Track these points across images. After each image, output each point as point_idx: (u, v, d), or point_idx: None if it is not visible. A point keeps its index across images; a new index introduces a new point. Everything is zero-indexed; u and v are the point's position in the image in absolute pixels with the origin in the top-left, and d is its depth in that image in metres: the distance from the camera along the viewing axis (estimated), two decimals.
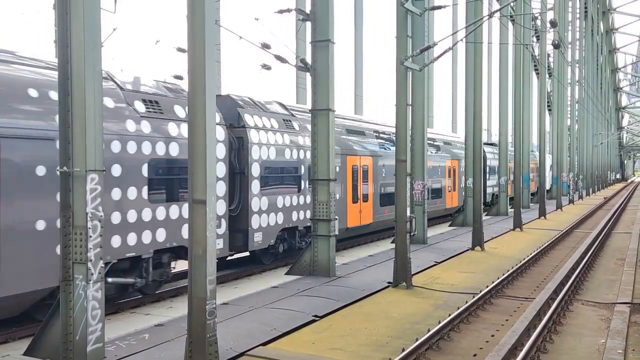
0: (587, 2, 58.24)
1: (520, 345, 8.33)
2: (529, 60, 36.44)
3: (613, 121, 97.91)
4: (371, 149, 21.78)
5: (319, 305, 11.00)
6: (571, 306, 11.21)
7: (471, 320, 10.15)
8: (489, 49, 47.58)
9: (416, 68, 14.06)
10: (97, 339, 7.56)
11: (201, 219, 7.71)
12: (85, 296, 7.43)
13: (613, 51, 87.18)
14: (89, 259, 7.41)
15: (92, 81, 7.47)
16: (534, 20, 40.03)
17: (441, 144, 29.38)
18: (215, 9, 8.02)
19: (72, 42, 7.46)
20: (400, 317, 10.44)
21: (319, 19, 13.73)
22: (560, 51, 39.12)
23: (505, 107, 29.91)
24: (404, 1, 13.32)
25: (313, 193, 14.02)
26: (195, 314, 7.69)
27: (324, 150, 13.84)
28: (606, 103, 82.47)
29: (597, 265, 15.99)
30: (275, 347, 8.68)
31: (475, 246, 18.64)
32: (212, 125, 7.80)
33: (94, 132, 7.50)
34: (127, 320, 11.06)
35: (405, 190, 13.24)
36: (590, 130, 60.24)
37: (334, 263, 13.98)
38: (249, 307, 10.69)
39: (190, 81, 7.88)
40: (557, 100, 43.02)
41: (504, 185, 29.98)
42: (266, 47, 13.94)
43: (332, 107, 13.79)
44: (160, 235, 12.21)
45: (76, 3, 7.39)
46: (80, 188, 7.46)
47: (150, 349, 8.38)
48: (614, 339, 9.01)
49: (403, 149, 13.42)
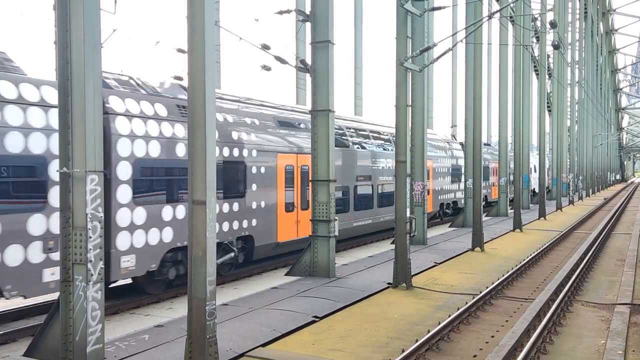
0: (587, 3, 58.28)
1: (520, 346, 8.34)
2: (529, 61, 36.45)
3: (613, 122, 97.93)
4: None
5: (319, 306, 11.00)
6: (571, 307, 11.21)
7: (471, 321, 10.15)
8: (489, 50, 47.57)
9: (416, 69, 14.07)
10: (97, 340, 7.55)
11: (201, 219, 7.71)
12: (85, 297, 7.42)
13: (613, 52, 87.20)
14: (88, 260, 7.40)
15: (92, 82, 7.47)
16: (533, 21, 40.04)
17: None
18: (215, 10, 8.02)
19: (72, 43, 7.45)
20: (400, 318, 10.44)
21: (318, 19, 13.74)
22: (560, 52, 39.15)
23: (505, 108, 29.90)
24: (403, 2, 13.33)
25: (313, 194, 14.02)
26: (195, 314, 7.68)
27: (323, 151, 13.84)
28: (606, 104, 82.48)
29: (597, 266, 15.99)
30: (275, 348, 8.68)
31: (475, 247, 18.64)
32: (212, 126, 7.81)
33: (94, 133, 7.49)
34: (126, 321, 11.06)
35: (405, 191, 13.25)
36: (590, 131, 60.26)
37: (334, 264, 13.98)
38: (248, 308, 10.69)
39: (190, 82, 7.88)
40: (556, 101, 43.02)
41: (503, 186, 29.98)
42: (266, 47, 13.95)
43: (331, 108, 13.80)
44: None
45: (76, 4, 7.38)
46: (80, 189, 7.45)
47: (150, 350, 8.38)
48: (614, 339, 9.01)
49: (403, 150, 13.43)
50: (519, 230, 24.08)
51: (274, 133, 16.62)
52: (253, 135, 15.52)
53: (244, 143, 15.01)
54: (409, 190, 13.47)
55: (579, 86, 50.37)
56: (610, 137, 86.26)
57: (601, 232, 22.14)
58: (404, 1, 13.34)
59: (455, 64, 43.25)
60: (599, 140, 68.09)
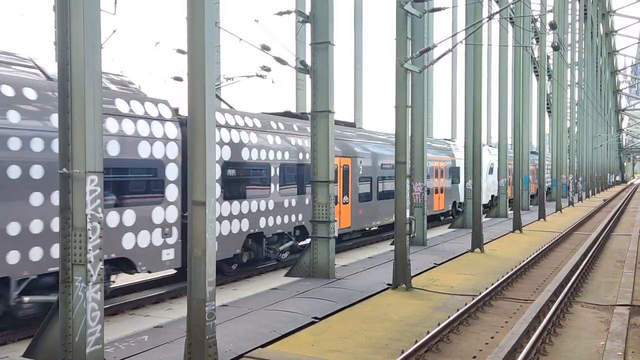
0: (586, 4, 58.32)
1: (519, 347, 8.33)
2: (529, 62, 36.49)
3: (612, 123, 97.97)
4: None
5: (318, 307, 10.99)
6: (571, 308, 11.21)
7: (471, 322, 10.15)
8: (489, 51, 47.57)
9: (416, 70, 14.07)
10: (97, 341, 7.55)
11: (201, 220, 7.72)
12: (85, 298, 7.42)
13: (612, 53, 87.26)
14: (88, 261, 7.39)
15: (91, 83, 7.47)
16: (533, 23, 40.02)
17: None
18: (215, 11, 8.03)
19: (72, 44, 7.46)
20: (400, 319, 10.44)
21: (318, 20, 13.74)
22: (559, 53, 39.15)
23: (505, 109, 29.91)
24: (403, 3, 13.34)
25: (313, 195, 14.02)
26: (194, 315, 7.68)
27: (323, 152, 13.85)
28: (606, 105, 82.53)
29: (596, 268, 15.99)
30: (275, 349, 8.67)
31: (475, 248, 18.64)
32: (212, 127, 7.82)
33: (94, 134, 7.50)
34: (126, 321, 11.05)
35: (405, 192, 13.25)
36: (589, 132, 60.27)
37: (334, 265, 13.98)
38: (248, 309, 10.69)
39: (190, 83, 7.89)
40: (556, 102, 43.04)
41: (503, 187, 29.99)
42: (266, 48, 13.98)
43: (331, 109, 13.80)
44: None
45: (76, 5, 7.39)
46: (79, 189, 7.45)
47: (149, 351, 8.38)
48: (614, 341, 9.01)
49: (402, 151, 13.43)
50: (519, 232, 24.08)
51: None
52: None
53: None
54: (409, 191, 13.48)
55: (579, 87, 50.37)
56: (610, 138, 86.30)
57: (601, 233, 22.14)
58: (404, 2, 13.35)
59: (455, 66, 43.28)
60: (598, 141, 68.11)
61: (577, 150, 51.76)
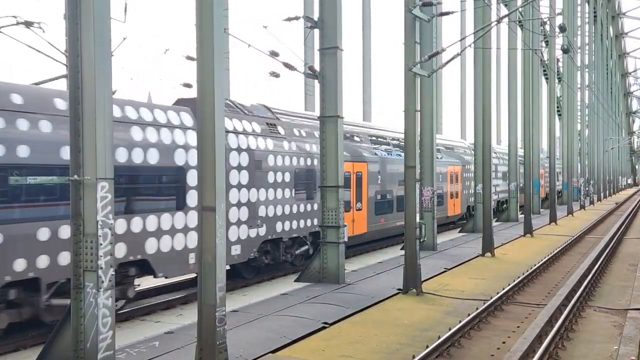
0: (596, 6, 58.04)
1: (532, 352, 8.26)
2: (538, 65, 36.27)
3: (624, 126, 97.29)
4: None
5: (329, 312, 10.98)
6: (583, 312, 11.12)
7: (482, 327, 10.09)
8: (498, 55, 47.45)
9: (424, 74, 14.06)
10: (108, 347, 7.58)
11: (211, 226, 7.74)
12: (96, 304, 7.45)
13: (623, 55, 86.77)
14: (99, 267, 7.43)
15: (102, 90, 7.53)
16: (542, 25, 39.88)
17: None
18: (223, 18, 8.08)
19: (83, 52, 7.52)
20: (410, 324, 10.40)
21: (326, 26, 13.77)
22: (569, 56, 38.94)
23: (514, 112, 29.78)
24: (411, 7, 13.34)
25: (322, 200, 14.01)
26: (205, 321, 7.70)
27: (332, 157, 13.84)
28: (616, 108, 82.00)
29: (609, 271, 15.85)
30: (285, 355, 8.67)
31: (486, 252, 18.54)
32: (221, 133, 7.85)
33: (104, 141, 7.55)
34: (137, 327, 11.10)
35: (415, 197, 13.22)
36: (600, 135, 59.87)
37: (344, 270, 13.95)
38: (258, 315, 10.69)
39: (200, 89, 7.94)
40: (566, 105, 42.82)
41: (514, 192, 29.83)
42: (274, 54, 14.00)
43: (340, 114, 13.80)
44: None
45: (87, 13, 7.46)
46: (90, 196, 7.50)
47: (160, 357, 8.40)
48: (627, 345, 8.93)
49: (412, 155, 13.40)
50: (530, 236, 23.92)
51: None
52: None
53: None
54: (418, 195, 13.44)
55: (589, 90, 50.09)
56: (621, 141, 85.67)
57: (613, 237, 21.94)
58: (412, 7, 13.35)
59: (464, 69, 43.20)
60: (609, 144, 67.61)
61: (589, 153, 51.43)
